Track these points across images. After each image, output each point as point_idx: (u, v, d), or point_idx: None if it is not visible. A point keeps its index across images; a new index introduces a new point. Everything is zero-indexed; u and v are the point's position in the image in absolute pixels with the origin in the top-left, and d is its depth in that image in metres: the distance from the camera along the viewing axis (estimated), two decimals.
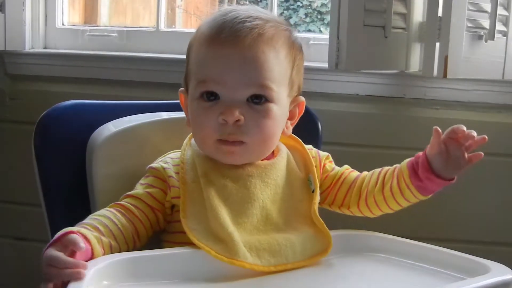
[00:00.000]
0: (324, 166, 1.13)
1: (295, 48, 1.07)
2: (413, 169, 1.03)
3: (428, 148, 1.03)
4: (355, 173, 1.13)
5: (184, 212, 0.98)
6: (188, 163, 1.04)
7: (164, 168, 1.04)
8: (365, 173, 1.12)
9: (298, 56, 1.08)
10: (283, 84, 1.04)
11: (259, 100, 1.01)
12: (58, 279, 0.83)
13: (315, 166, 1.09)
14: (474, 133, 1.01)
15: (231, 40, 0.99)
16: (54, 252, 0.85)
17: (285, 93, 1.05)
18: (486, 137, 1.01)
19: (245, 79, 1.00)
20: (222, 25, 1.01)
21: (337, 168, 1.14)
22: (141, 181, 1.05)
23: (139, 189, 1.03)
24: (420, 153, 1.04)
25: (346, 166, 1.15)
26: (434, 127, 1.02)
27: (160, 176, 1.04)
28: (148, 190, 1.03)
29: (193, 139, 1.08)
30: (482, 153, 1.02)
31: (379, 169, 1.10)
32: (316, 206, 1.05)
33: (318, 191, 1.07)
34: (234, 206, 0.99)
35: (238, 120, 0.99)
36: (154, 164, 1.06)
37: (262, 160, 1.06)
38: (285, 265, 0.97)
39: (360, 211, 1.11)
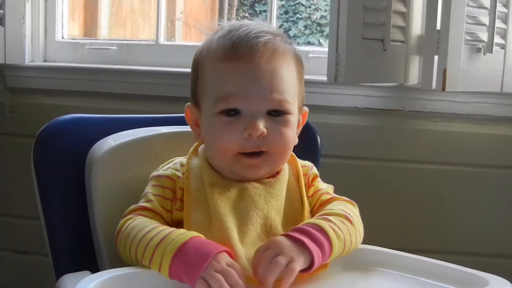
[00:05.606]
0: (313, 180, 1.12)
1: (299, 62, 1.09)
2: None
3: None
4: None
5: (188, 222, 0.99)
6: (193, 171, 1.05)
7: (178, 177, 1.04)
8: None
9: (302, 69, 1.10)
10: (295, 96, 1.06)
11: (278, 112, 1.02)
12: None
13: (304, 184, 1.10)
14: None
15: (248, 55, 1.00)
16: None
17: (296, 104, 1.07)
18: None
19: (266, 92, 1.01)
20: (236, 40, 1.01)
21: (323, 187, 1.12)
22: (150, 190, 1.04)
23: (154, 201, 1.02)
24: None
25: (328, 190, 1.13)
26: None
27: (172, 186, 1.03)
28: (163, 205, 1.02)
29: (200, 149, 1.09)
30: None
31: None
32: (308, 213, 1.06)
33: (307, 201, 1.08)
34: (239, 214, 1.00)
35: (262, 133, 1.00)
36: (165, 172, 1.05)
37: (267, 178, 1.06)
38: None
39: None
